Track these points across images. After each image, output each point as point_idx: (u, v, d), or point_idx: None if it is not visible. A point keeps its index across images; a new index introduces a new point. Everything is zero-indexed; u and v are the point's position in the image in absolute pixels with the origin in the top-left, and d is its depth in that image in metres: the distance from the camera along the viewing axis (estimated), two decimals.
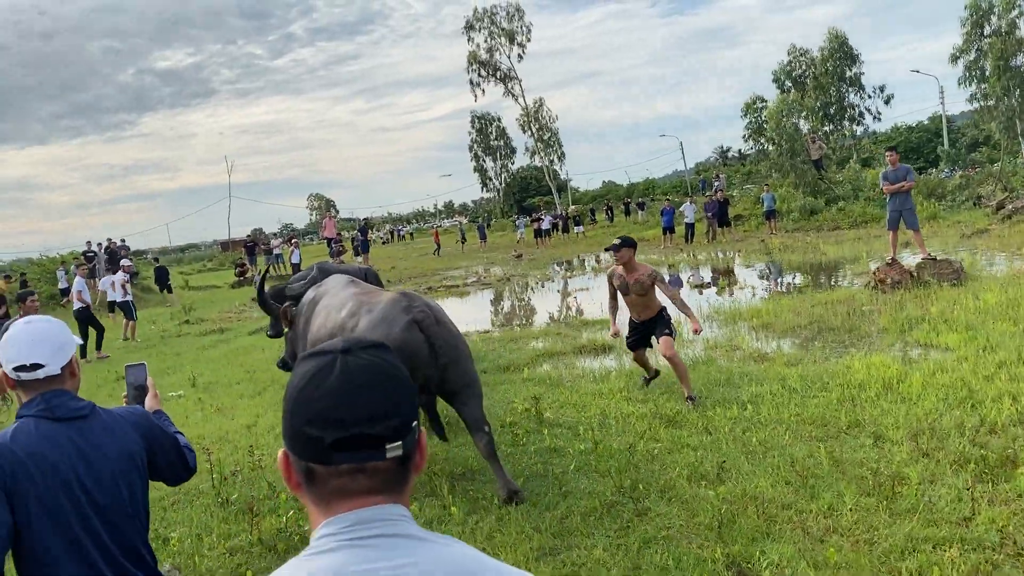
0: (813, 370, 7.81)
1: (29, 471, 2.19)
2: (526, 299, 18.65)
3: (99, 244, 30.45)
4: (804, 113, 29.32)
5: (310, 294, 6.78)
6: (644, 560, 4.26)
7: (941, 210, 24.56)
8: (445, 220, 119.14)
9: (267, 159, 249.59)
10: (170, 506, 6.10)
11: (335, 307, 6.11)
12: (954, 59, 29.74)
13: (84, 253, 28.49)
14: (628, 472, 5.41)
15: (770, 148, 31.11)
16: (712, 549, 4.25)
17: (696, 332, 7.43)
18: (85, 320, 15.70)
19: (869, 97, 35.94)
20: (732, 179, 50.06)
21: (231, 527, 5.44)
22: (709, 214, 27.84)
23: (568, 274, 23.03)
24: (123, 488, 2.35)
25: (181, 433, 2.68)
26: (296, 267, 31.44)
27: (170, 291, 29.53)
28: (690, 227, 27.47)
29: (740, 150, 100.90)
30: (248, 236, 40.60)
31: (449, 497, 5.40)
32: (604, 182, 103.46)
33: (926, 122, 60.31)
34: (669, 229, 28.01)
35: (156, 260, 34.36)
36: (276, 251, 35.24)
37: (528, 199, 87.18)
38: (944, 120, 50.55)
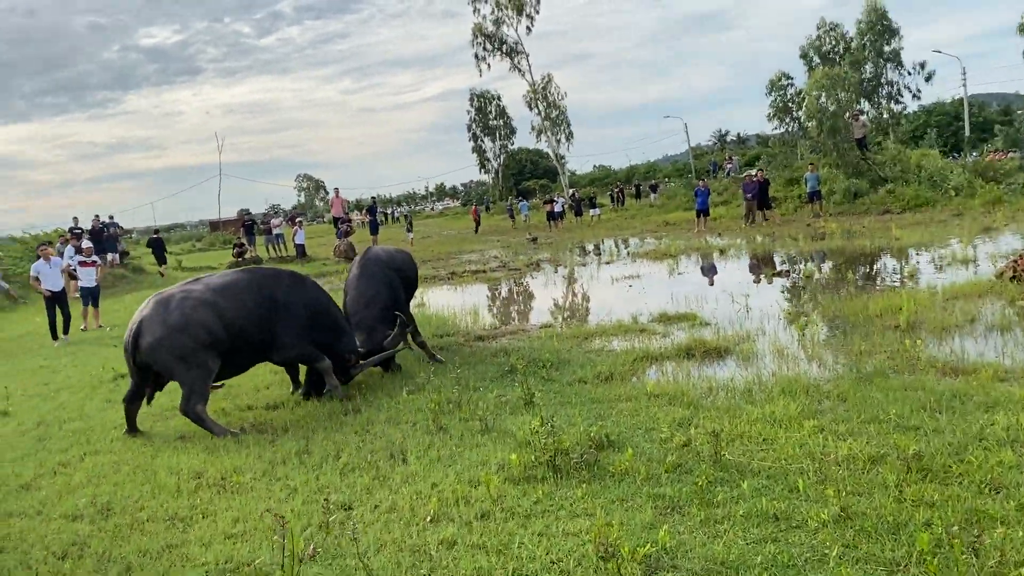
0: None
1: None
2: (571, 288, 16.68)
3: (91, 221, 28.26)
4: (849, 88, 27.27)
5: None
6: None
7: (1004, 193, 22.73)
8: (438, 203, 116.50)
9: (254, 139, 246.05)
10: None
11: None
12: (1023, 28, 27.77)
13: (71, 230, 26.28)
14: (936, 565, 3.47)
15: (807, 126, 29.17)
16: None
17: None
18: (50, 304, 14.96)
19: (908, 74, 34.08)
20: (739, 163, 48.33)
21: None
22: (748, 195, 25.91)
23: (604, 260, 21.01)
24: None
25: None
26: (300, 248, 29.29)
27: (165, 262, 29.94)
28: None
29: (739, 134, 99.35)
30: (246, 215, 38.17)
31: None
32: (595, 166, 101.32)
33: (946, 104, 58.48)
34: (704, 212, 26.03)
35: (156, 232, 32.95)
36: (276, 231, 32.95)
37: (523, 182, 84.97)
38: (966, 102, 48.84)
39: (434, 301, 15.28)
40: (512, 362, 8.39)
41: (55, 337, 14.77)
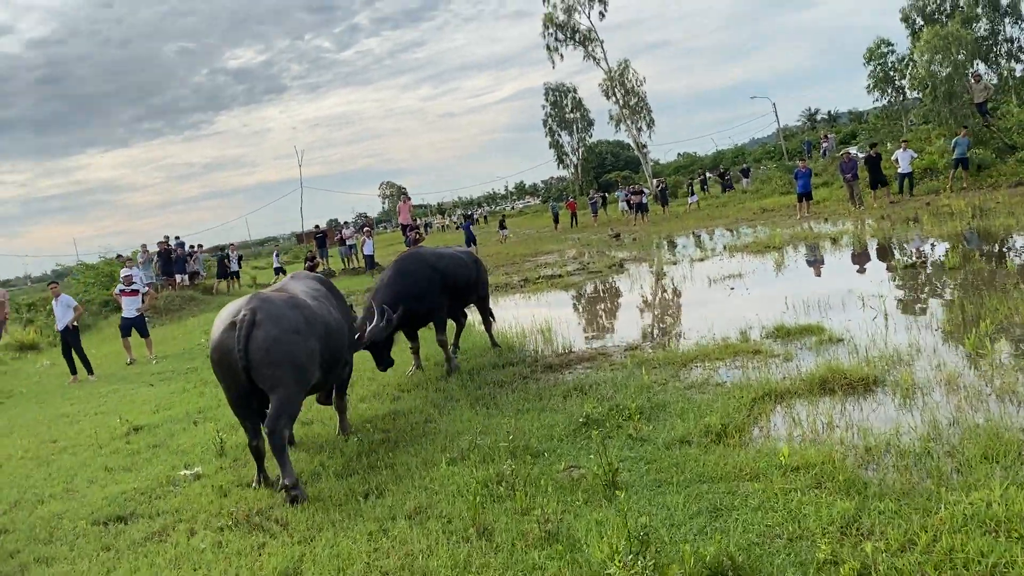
0: None
1: None
2: (660, 294, 14.53)
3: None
4: (965, 47, 24.19)
5: None
6: None
7: None
8: (518, 202, 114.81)
9: (340, 150, 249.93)
10: None
11: None
12: None
13: (120, 257, 25.54)
14: None
15: (915, 94, 26.15)
16: None
17: None
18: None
19: None
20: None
21: None
22: (848, 175, 23.21)
23: (697, 257, 18.66)
24: None
25: None
26: (369, 259, 27.92)
27: (226, 278, 29.74)
28: (905, 177, 23.03)
29: (830, 111, 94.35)
30: (316, 227, 37.24)
31: None
32: (679, 154, 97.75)
33: None
34: (806, 195, 23.42)
35: (222, 249, 32.90)
36: (350, 242, 31.76)
37: (605, 175, 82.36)
38: None
39: (500, 315, 13.40)
40: (587, 410, 6.42)
41: (73, 372, 14.12)
